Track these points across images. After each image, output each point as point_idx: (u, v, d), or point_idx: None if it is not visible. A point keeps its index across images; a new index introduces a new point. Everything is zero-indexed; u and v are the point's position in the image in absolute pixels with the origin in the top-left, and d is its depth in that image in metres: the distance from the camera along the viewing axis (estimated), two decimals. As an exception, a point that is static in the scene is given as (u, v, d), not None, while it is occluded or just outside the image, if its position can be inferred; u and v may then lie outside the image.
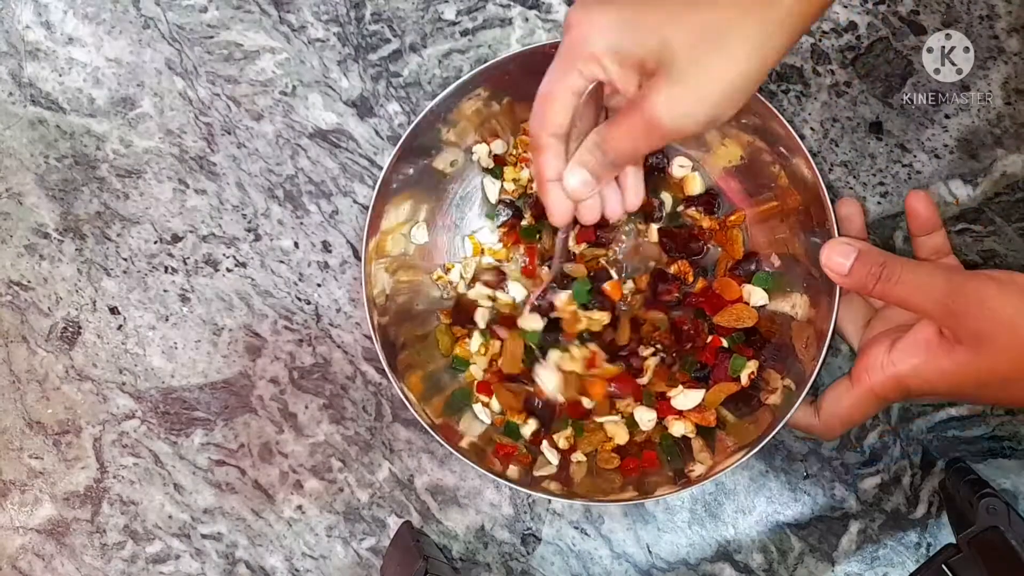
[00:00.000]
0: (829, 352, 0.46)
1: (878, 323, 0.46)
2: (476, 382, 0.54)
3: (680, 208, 0.54)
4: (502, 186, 0.55)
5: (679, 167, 0.54)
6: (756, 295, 0.52)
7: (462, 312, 0.54)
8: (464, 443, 0.50)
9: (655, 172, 0.54)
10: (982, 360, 0.38)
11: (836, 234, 0.46)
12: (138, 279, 0.58)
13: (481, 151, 0.54)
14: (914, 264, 0.41)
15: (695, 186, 0.53)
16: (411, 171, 0.52)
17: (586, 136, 0.39)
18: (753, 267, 0.52)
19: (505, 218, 0.55)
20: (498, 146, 0.54)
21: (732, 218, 0.53)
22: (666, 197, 0.54)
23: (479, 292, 0.54)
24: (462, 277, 0.55)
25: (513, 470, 0.50)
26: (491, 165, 0.55)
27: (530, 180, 0.55)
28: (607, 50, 0.35)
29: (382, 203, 0.50)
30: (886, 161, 0.54)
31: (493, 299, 0.54)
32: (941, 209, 0.54)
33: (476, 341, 0.54)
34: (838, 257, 0.41)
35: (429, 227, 0.55)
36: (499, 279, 0.55)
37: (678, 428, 0.51)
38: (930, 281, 0.39)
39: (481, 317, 0.54)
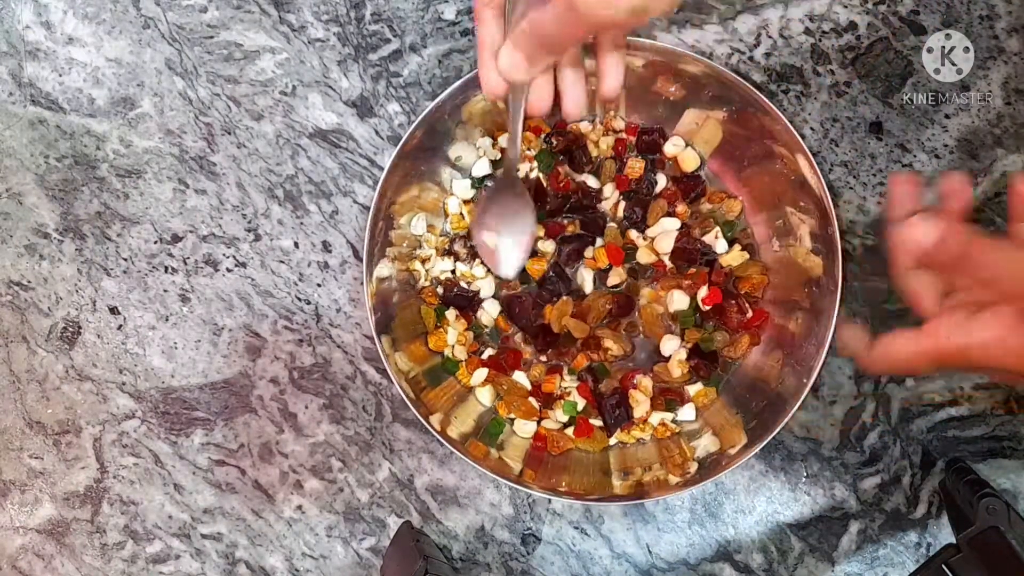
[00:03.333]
0: (829, 353, 0.46)
1: (964, 295, 0.44)
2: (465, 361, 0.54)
3: (669, 186, 0.54)
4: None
5: (672, 145, 0.54)
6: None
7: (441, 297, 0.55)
8: (457, 436, 0.51)
9: (650, 152, 0.54)
10: None
11: (835, 226, 0.47)
12: (138, 279, 0.58)
13: (486, 144, 0.55)
14: (1001, 244, 0.39)
15: (690, 164, 0.54)
16: (412, 170, 0.52)
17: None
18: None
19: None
20: (505, 140, 0.55)
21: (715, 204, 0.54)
22: (660, 178, 0.54)
23: (441, 267, 0.55)
24: (433, 247, 0.55)
25: (513, 467, 0.50)
26: (497, 157, 0.55)
27: (530, 171, 0.55)
28: None
29: (383, 203, 0.51)
30: (886, 161, 0.54)
31: (454, 272, 0.55)
32: (941, 209, 0.54)
33: (452, 333, 0.54)
34: (920, 234, 0.39)
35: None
36: (471, 253, 0.55)
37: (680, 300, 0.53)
38: (1017, 263, 0.38)
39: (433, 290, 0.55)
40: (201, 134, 0.58)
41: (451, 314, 0.54)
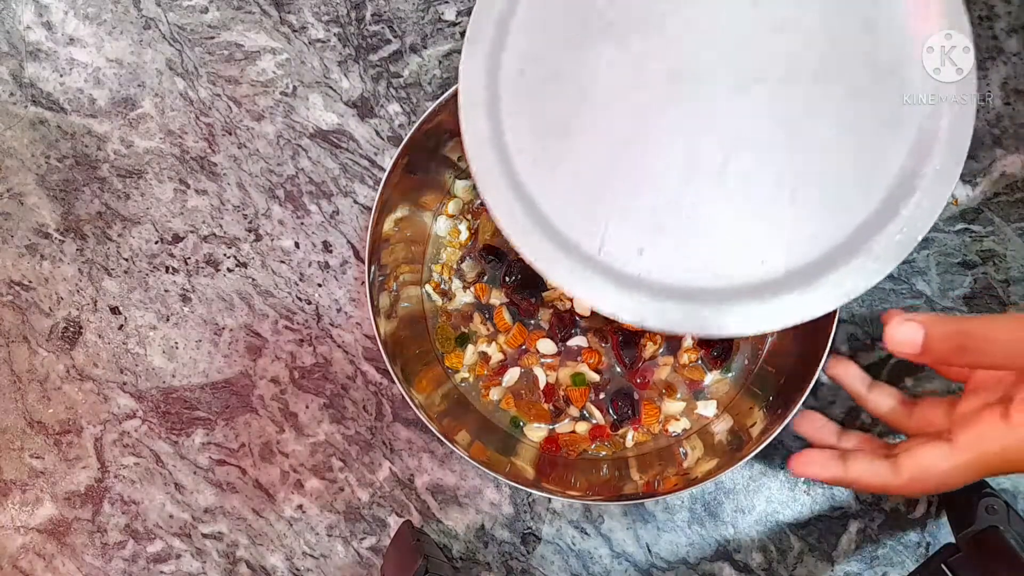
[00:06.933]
0: (829, 354, 0.46)
1: (974, 397, 0.42)
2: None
3: None
4: None
5: None
6: None
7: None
8: (462, 439, 0.51)
9: None
10: None
11: None
12: (139, 279, 0.58)
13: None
14: (992, 319, 0.37)
15: None
16: (414, 170, 0.52)
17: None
18: None
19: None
20: None
21: None
22: None
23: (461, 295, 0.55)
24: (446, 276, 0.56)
25: (519, 467, 0.51)
26: None
27: None
28: None
29: (385, 203, 0.51)
30: (885, 161, 0.54)
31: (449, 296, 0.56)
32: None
33: (470, 353, 0.54)
34: (906, 334, 0.38)
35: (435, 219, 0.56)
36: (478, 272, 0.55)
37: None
38: (1020, 331, 0.36)
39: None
40: (202, 134, 0.58)
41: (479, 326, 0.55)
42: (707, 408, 0.53)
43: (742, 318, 0.40)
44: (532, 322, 0.54)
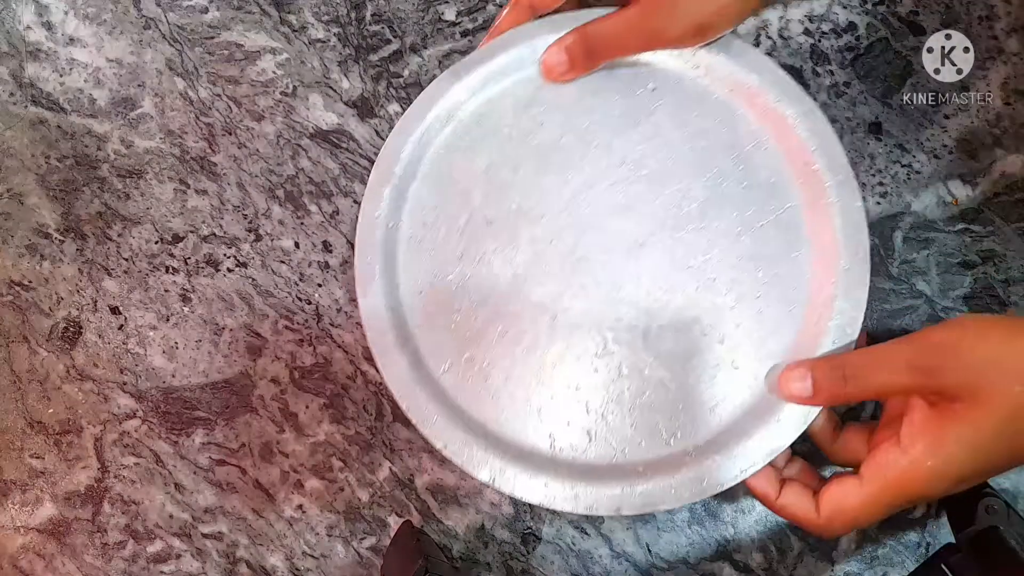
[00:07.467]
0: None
1: (885, 430, 0.42)
2: None
3: None
4: None
5: None
6: None
7: None
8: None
9: None
10: (987, 404, 0.35)
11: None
12: (139, 279, 0.58)
13: None
14: (871, 347, 0.38)
15: None
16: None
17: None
18: None
19: None
20: None
21: None
22: None
23: None
24: None
25: None
26: None
27: None
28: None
29: None
30: (885, 161, 0.54)
31: None
32: (940, 209, 0.54)
33: None
34: (796, 383, 0.39)
35: None
36: None
37: None
38: (894, 351, 0.37)
39: None
40: (202, 134, 0.58)
41: None
42: None
43: (721, 474, 0.39)
44: None
